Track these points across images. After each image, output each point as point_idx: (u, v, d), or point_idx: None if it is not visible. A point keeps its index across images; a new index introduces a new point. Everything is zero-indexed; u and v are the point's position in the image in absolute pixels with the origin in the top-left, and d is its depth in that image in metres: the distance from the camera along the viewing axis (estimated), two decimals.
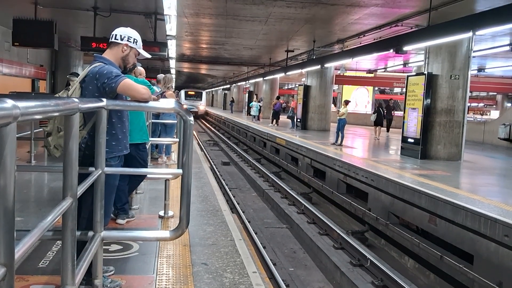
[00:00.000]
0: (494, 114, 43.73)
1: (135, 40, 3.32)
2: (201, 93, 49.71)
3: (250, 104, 29.51)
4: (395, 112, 25.43)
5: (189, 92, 49.15)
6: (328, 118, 21.59)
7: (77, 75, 3.36)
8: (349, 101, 15.84)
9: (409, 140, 12.31)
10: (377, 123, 18.26)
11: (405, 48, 10.56)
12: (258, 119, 28.23)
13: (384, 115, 19.44)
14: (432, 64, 11.72)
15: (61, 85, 17.48)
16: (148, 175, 4.65)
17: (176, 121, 8.37)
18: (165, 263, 3.78)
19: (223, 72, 36.70)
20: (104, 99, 2.70)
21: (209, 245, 4.32)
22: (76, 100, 2.00)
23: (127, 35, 3.29)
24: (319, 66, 17.00)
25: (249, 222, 9.56)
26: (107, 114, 2.80)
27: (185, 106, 2.91)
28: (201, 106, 48.50)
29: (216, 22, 13.66)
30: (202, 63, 26.44)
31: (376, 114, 18.56)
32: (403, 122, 12.72)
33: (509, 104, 42.03)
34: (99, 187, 2.68)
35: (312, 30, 14.26)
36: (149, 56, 3.55)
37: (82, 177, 2.28)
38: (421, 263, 7.41)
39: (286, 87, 53.01)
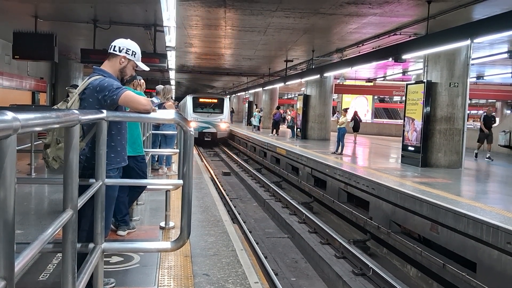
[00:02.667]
0: None
1: (134, 53, 3.32)
2: (222, 101, 29.11)
3: (254, 114, 29.41)
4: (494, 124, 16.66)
5: (201, 100, 28.98)
6: (328, 127, 21.62)
7: (76, 87, 3.34)
8: (348, 108, 16.08)
9: (410, 148, 12.31)
10: (354, 129, 20.57)
11: (404, 57, 10.60)
12: (258, 129, 28.26)
13: (360, 122, 21.05)
14: (431, 72, 11.75)
15: (61, 98, 17.45)
16: (148, 186, 4.65)
17: (176, 132, 8.38)
18: (166, 275, 3.76)
19: (222, 83, 36.72)
20: (105, 111, 2.70)
21: (210, 256, 4.31)
22: (76, 111, 2.01)
23: (125, 47, 3.29)
24: (318, 76, 17.05)
25: (250, 232, 9.52)
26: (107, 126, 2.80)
27: (193, 124, 2.77)
28: (223, 124, 28.09)
29: (216, 33, 13.73)
30: (202, 74, 26.53)
31: (353, 121, 20.30)
32: (403, 130, 12.74)
33: (508, 111, 42.09)
34: (99, 199, 2.67)
35: (311, 39, 14.32)
36: (147, 68, 3.55)
37: (81, 189, 2.28)
38: (424, 271, 7.37)
39: (286, 97, 53.11)
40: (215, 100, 28.95)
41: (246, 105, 38.94)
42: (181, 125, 2.74)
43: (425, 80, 11.78)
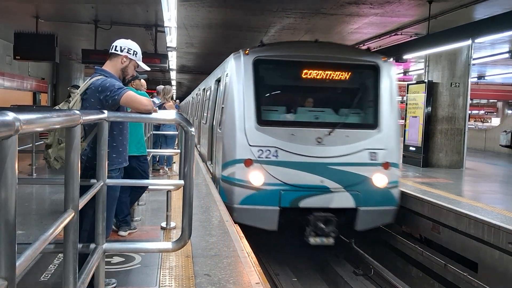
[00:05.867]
0: (495, 121, 43.72)
1: (135, 52, 3.34)
2: (376, 73, 7.52)
3: None
4: None
5: (294, 68, 7.58)
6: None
7: (78, 87, 3.36)
8: None
9: (411, 148, 12.30)
10: None
11: (405, 57, 10.60)
12: None
13: None
14: (432, 72, 11.75)
15: (62, 98, 17.49)
16: (150, 187, 4.65)
17: (176, 132, 8.38)
18: (167, 275, 3.76)
19: None
20: (106, 111, 2.70)
21: (211, 256, 4.30)
22: (77, 112, 2.01)
23: (127, 46, 3.31)
24: None
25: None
26: (108, 126, 2.80)
27: (259, 179, 2.30)
28: (380, 175, 7.12)
29: (217, 33, 13.72)
30: (203, 75, 26.49)
31: None
32: (404, 131, 12.73)
33: (509, 111, 42.06)
34: (101, 199, 2.67)
35: (312, 39, 14.31)
36: (148, 68, 3.57)
37: (82, 190, 2.28)
38: (425, 271, 7.36)
39: None
40: (346, 72, 7.65)
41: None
42: (182, 125, 2.74)
43: (426, 80, 11.77)
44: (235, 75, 7.21)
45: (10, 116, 1.16)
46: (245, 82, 7.08)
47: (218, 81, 9.29)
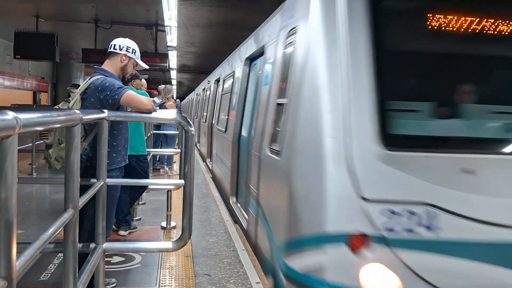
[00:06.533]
0: None
1: (134, 51, 3.34)
2: None
3: None
4: None
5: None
6: None
7: (77, 86, 3.35)
8: None
9: None
10: None
11: None
12: None
13: None
14: None
15: (63, 97, 17.52)
16: (150, 186, 4.65)
17: (177, 132, 8.38)
18: (167, 275, 3.75)
19: None
20: (106, 110, 2.70)
21: (212, 256, 4.30)
22: (77, 111, 2.00)
23: (126, 45, 3.31)
24: None
25: None
26: (108, 126, 2.80)
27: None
28: None
29: (217, 33, 13.73)
30: (203, 74, 26.47)
31: None
32: None
33: None
34: (101, 199, 2.66)
35: None
36: (147, 67, 3.57)
37: (83, 189, 2.27)
38: None
39: None
40: None
41: None
42: (182, 125, 2.74)
43: None
44: (323, 29, 3.03)
45: (10, 115, 1.16)
46: (350, 45, 2.89)
47: (253, 59, 5.75)
